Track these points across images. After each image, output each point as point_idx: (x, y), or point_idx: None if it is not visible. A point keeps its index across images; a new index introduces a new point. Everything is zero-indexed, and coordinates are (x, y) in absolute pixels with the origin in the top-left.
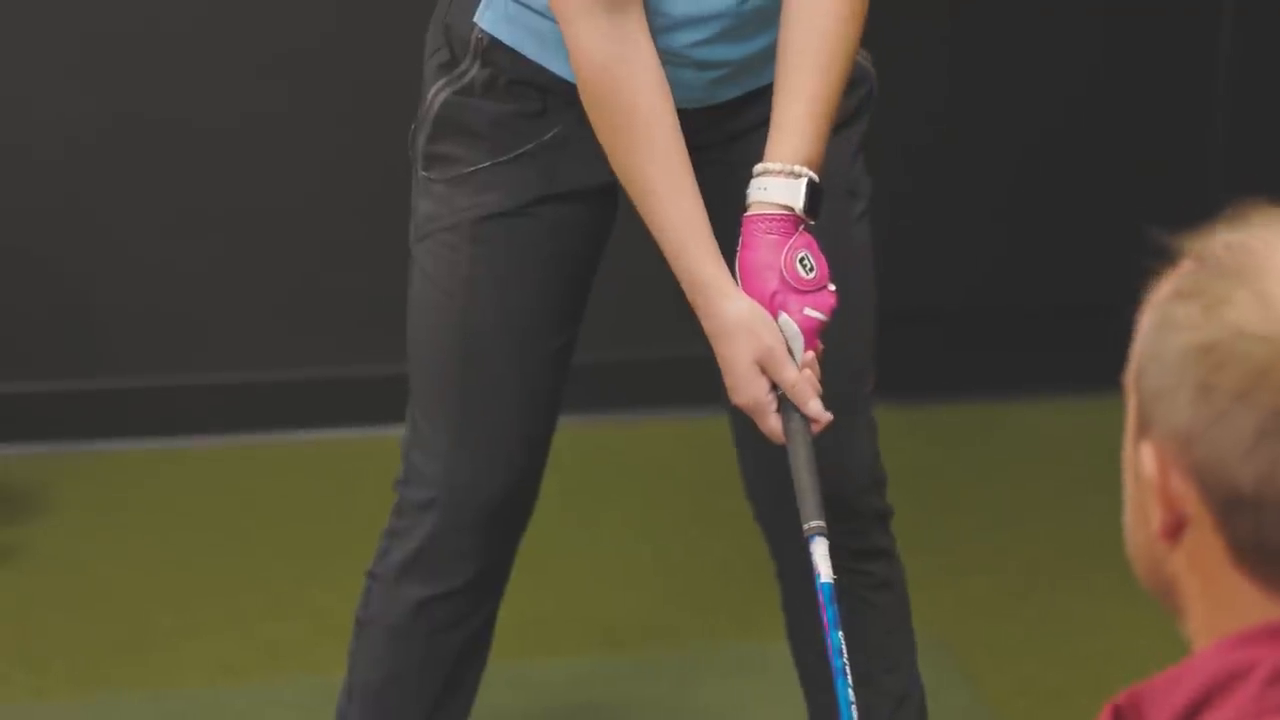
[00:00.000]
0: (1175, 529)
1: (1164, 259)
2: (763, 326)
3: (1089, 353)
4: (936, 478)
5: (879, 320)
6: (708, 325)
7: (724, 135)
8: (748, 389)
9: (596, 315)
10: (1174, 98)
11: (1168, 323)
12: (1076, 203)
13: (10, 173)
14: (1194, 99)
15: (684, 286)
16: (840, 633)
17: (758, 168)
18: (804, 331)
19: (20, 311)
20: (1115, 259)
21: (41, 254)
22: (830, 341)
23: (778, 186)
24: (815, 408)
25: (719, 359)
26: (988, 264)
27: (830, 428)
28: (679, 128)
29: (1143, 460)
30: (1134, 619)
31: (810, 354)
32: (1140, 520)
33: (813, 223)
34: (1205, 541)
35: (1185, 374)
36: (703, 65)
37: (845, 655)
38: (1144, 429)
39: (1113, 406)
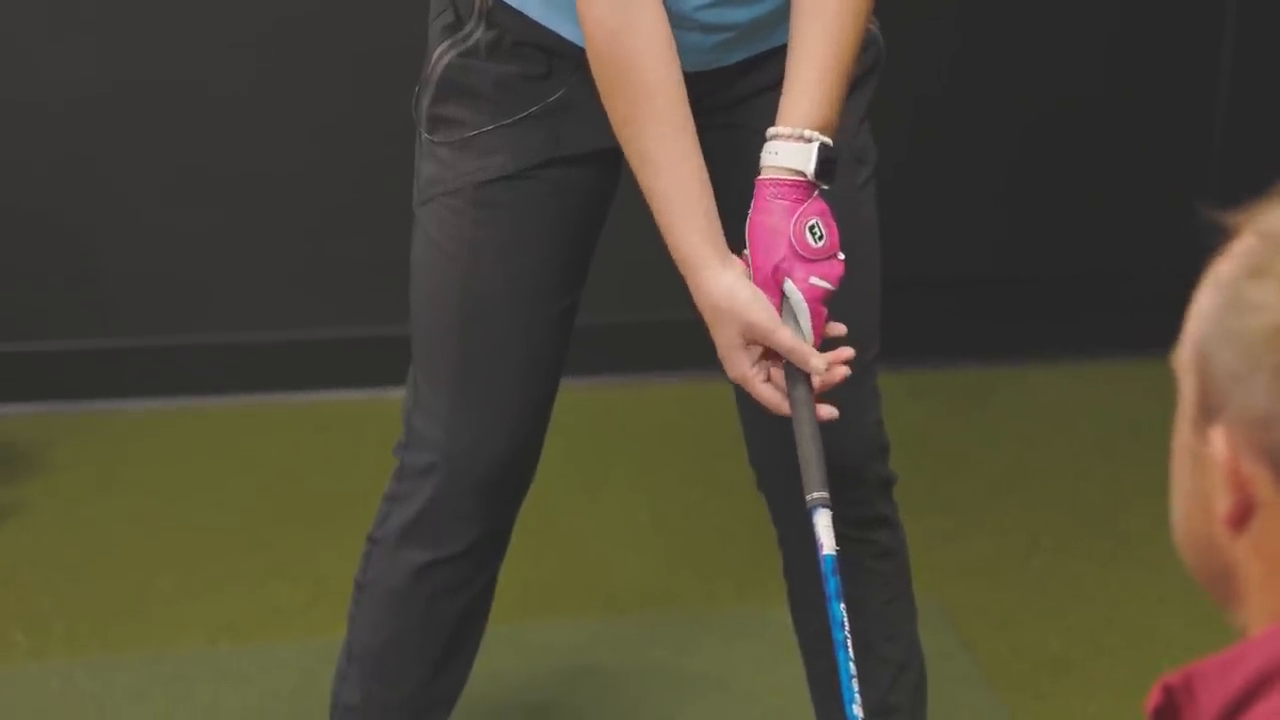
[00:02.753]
0: (1243, 514)
1: (1218, 236)
2: (744, 300)
3: (1090, 319)
4: (937, 443)
5: (883, 286)
6: (697, 300)
7: (730, 99)
8: (732, 366)
9: (600, 278)
10: (1178, 72)
11: (1241, 303)
12: (1078, 171)
13: (17, 134)
14: (1198, 74)
15: (676, 262)
16: (842, 605)
17: (769, 131)
18: (809, 300)
19: (23, 271)
20: (1116, 227)
21: (46, 215)
22: (836, 308)
23: (788, 151)
24: (817, 363)
25: (711, 332)
26: (991, 231)
27: (837, 390)
28: (685, 98)
29: (1213, 444)
30: (1132, 585)
31: (840, 326)
32: (1198, 506)
33: (826, 188)
34: (1274, 527)
35: (1265, 356)
36: (709, 28)
37: (847, 627)
38: (1212, 412)
39: (1112, 372)
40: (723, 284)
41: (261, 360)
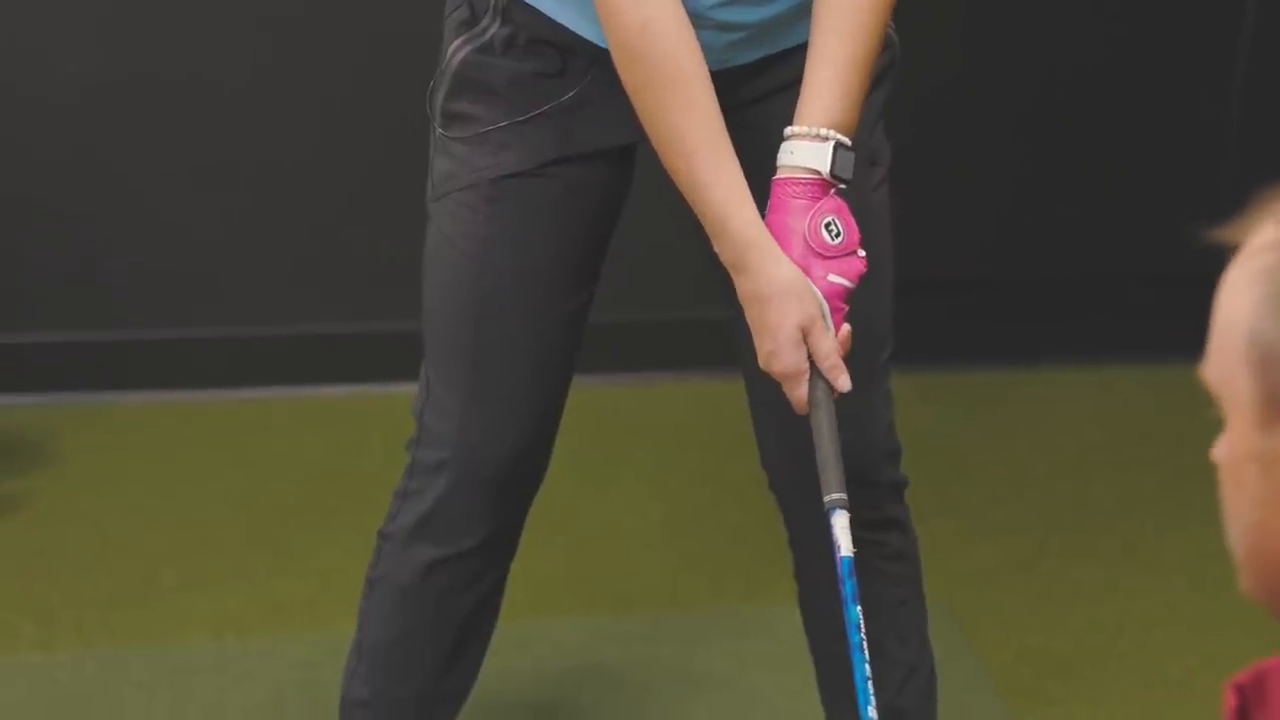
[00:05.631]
0: None
1: (1231, 241)
2: (808, 293)
3: (1100, 323)
4: (945, 446)
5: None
6: (752, 287)
7: (740, 100)
8: (789, 355)
9: (611, 277)
10: (1189, 73)
11: None
12: (1090, 172)
13: (24, 125)
14: (1212, 72)
15: (729, 247)
16: (859, 607)
17: (786, 131)
18: (828, 297)
19: (31, 262)
20: (1127, 230)
21: (54, 206)
22: (849, 310)
23: (805, 150)
24: (845, 381)
25: (759, 323)
26: (1001, 233)
27: (850, 393)
28: (713, 87)
29: None
30: (1141, 590)
31: (847, 328)
32: (1266, 515)
33: (843, 186)
34: None
35: None
36: (723, 27)
37: (863, 630)
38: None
39: (1122, 376)
40: (793, 269)
41: (268, 354)
